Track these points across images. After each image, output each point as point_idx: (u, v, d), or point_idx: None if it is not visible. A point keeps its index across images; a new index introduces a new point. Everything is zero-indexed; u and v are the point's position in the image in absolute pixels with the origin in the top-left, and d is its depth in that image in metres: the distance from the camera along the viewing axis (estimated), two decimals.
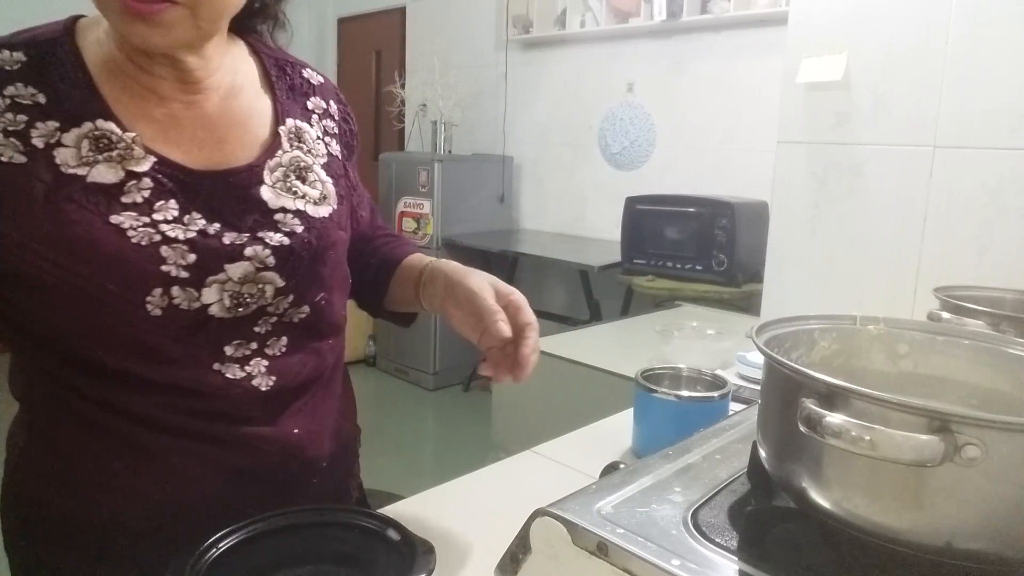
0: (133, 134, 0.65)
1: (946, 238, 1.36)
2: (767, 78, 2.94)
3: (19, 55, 0.64)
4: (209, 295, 0.66)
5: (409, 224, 3.87)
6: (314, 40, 5.35)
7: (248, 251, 0.68)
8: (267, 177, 0.71)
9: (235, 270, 0.67)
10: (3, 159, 0.61)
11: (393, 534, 0.61)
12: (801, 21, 1.55)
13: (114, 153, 0.63)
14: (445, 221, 3.83)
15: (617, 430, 1.03)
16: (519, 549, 0.55)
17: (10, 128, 0.62)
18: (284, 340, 0.74)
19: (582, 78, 3.78)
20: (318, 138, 0.78)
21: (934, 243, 1.38)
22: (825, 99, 1.51)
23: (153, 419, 0.68)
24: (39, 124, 0.62)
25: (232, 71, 0.73)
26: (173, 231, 0.65)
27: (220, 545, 0.58)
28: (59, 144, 0.62)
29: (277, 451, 0.73)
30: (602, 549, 0.49)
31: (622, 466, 0.65)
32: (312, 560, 0.62)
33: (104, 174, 0.63)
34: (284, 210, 0.71)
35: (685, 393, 0.94)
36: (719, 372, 1.01)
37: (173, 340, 0.66)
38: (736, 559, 0.48)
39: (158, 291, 0.64)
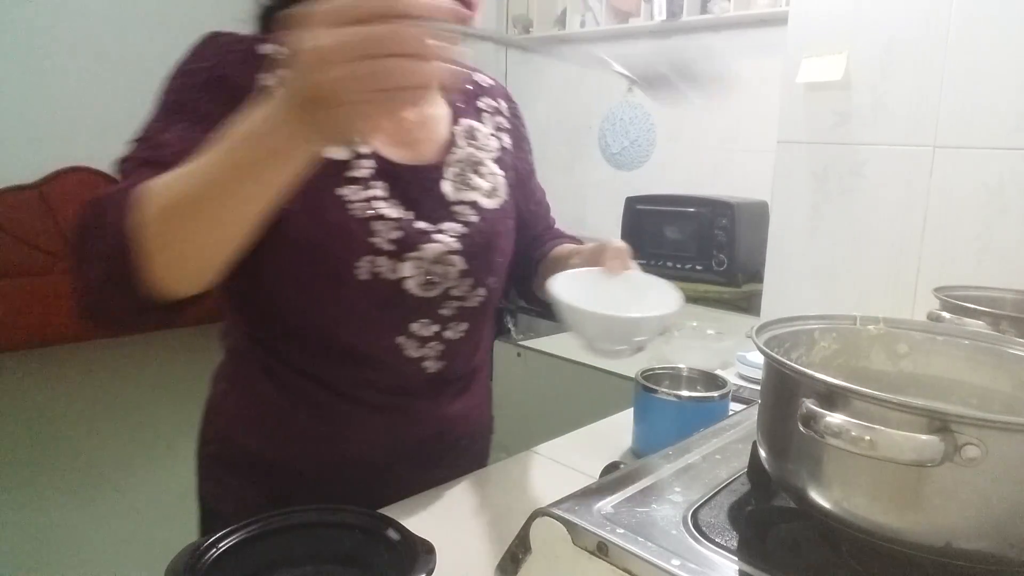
0: None
1: (946, 238, 1.36)
2: (767, 78, 2.94)
3: None
4: (406, 269, 0.77)
5: None
6: None
7: (437, 236, 0.79)
8: (447, 173, 0.83)
9: (429, 250, 0.78)
10: None
11: (393, 534, 0.61)
12: (801, 21, 1.54)
13: None
14: None
15: (617, 430, 1.03)
16: (519, 549, 0.55)
17: None
18: (464, 325, 0.84)
19: (582, 78, 3.78)
20: (491, 134, 0.91)
21: (934, 243, 1.37)
22: (825, 99, 1.51)
23: (337, 387, 0.79)
24: None
25: None
26: (385, 209, 0.76)
27: (220, 545, 0.58)
28: None
29: (435, 424, 0.84)
30: (602, 549, 0.49)
31: (622, 466, 0.65)
32: (312, 560, 0.62)
33: (336, 150, 0.74)
34: (462, 202, 0.82)
35: (685, 393, 0.94)
36: (719, 372, 1.01)
37: (373, 306, 0.76)
38: (736, 559, 0.48)
39: (367, 259, 0.74)
